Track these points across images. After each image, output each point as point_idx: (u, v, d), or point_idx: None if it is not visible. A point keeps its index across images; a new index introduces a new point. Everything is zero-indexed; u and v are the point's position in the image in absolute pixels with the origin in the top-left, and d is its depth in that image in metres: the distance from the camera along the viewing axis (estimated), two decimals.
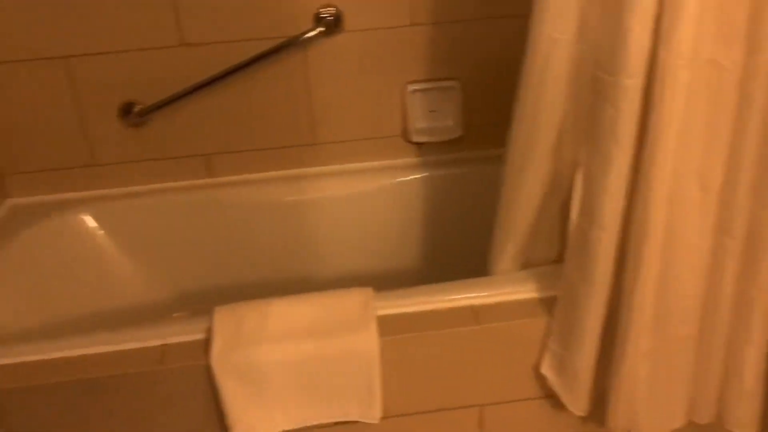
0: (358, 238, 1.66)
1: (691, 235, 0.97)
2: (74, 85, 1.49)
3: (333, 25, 1.50)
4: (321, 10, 1.49)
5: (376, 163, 1.67)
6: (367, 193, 1.64)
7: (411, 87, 1.58)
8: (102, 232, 1.54)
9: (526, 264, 1.22)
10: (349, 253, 1.66)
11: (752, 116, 0.90)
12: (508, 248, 1.18)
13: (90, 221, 1.53)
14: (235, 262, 1.63)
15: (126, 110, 1.53)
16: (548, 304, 1.13)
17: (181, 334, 1.11)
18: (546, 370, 1.13)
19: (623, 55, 0.87)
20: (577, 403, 1.12)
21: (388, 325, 1.10)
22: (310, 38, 1.49)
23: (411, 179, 1.65)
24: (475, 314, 1.12)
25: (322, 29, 1.48)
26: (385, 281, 1.67)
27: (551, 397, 1.17)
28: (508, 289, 1.16)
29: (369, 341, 1.07)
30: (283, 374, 1.06)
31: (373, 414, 1.11)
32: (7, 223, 1.48)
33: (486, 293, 1.15)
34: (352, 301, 1.12)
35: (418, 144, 1.66)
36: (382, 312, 1.12)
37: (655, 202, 0.92)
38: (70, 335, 1.12)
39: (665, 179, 0.92)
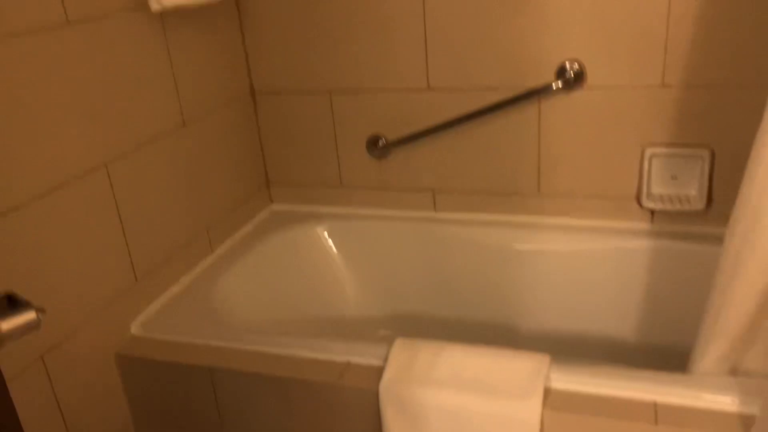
0: (569, 297, 1.60)
1: None
2: (334, 116, 1.71)
3: (574, 81, 1.48)
4: (564, 63, 1.48)
5: (603, 223, 1.60)
6: (588, 252, 1.58)
7: (651, 150, 1.48)
8: (333, 246, 1.73)
9: (735, 369, 1.07)
10: (556, 309, 1.61)
11: None
12: (710, 350, 1.05)
13: (325, 235, 1.74)
14: (444, 294, 1.70)
15: (372, 142, 1.70)
16: (745, 423, 0.97)
17: (364, 355, 1.20)
18: None
19: None
20: None
21: (556, 400, 1.06)
22: (548, 90, 1.49)
23: (639, 246, 1.54)
24: (655, 412, 1.02)
25: (561, 85, 1.48)
26: (583, 345, 1.60)
27: None
28: (699, 394, 1.02)
29: (531, 412, 1.04)
30: (439, 418, 1.09)
31: None
32: (266, 224, 1.76)
33: (674, 392, 1.04)
34: (525, 366, 1.11)
35: (652, 211, 1.54)
36: (554, 384, 1.08)
37: None
38: (278, 334, 1.30)
39: None
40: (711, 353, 1.06)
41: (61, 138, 1.16)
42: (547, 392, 1.07)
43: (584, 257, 1.59)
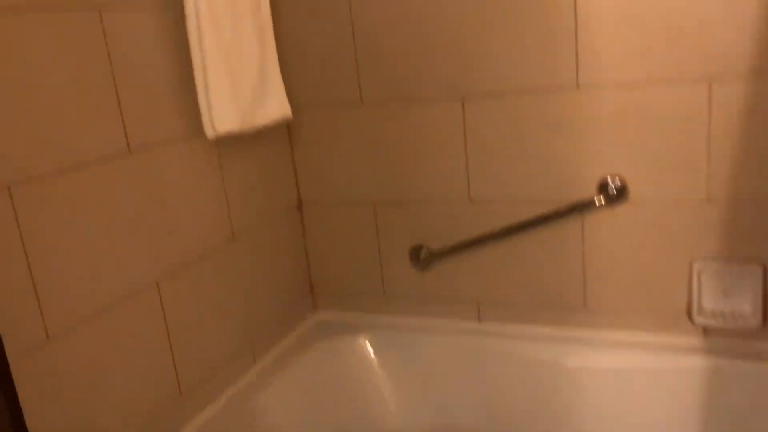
0: (615, 417, 1.54)
1: None
2: (378, 226, 1.74)
3: (617, 196, 1.48)
4: (606, 178, 1.49)
5: (653, 339, 1.55)
6: (638, 371, 1.53)
7: (699, 264, 1.45)
8: (375, 357, 1.72)
9: None
10: (606, 429, 1.54)
11: None
12: None
13: (368, 345, 1.73)
14: (489, 410, 1.65)
15: (414, 252, 1.72)
16: None
17: None
18: None
19: None
20: None
21: None
22: (592, 205, 1.50)
23: (691, 365, 1.48)
24: None
25: (604, 200, 1.48)
26: None
27: None
28: None
29: None
30: None
31: None
32: (309, 334, 1.77)
33: None
34: None
35: (704, 327, 1.49)
36: None
37: None
38: None
39: None
40: None
41: (116, 258, 1.22)
42: None
43: (634, 375, 1.53)
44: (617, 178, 1.48)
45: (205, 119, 1.37)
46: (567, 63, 1.45)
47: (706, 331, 1.50)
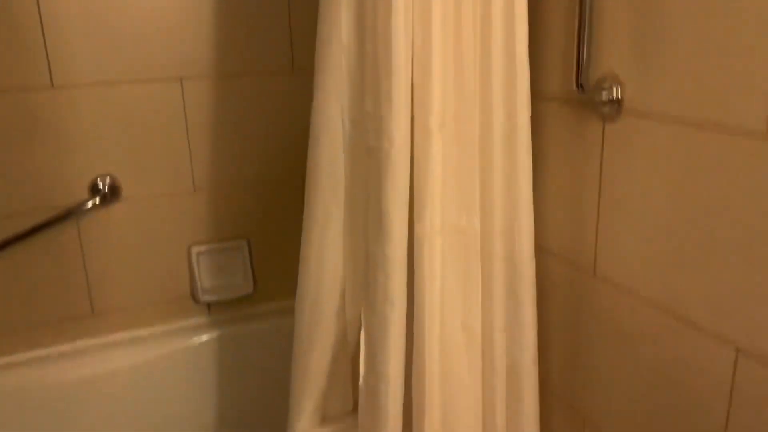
0: (148, 410, 1.56)
1: (464, 376, 1.09)
2: None
3: (109, 195, 1.48)
4: (96, 179, 1.47)
5: (165, 328, 1.62)
6: (155, 360, 1.58)
7: (196, 248, 1.60)
8: None
9: (324, 419, 1.26)
10: (139, 427, 1.55)
11: (494, 270, 1.07)
12: (306, 406, 1.21)
13: None
14: None
15: None
16: None
17: None
18: None
19: (388, 230, 0.99)
20: None
21: None
22: (85, 208, 1.46)
23: (204, 340, 1.62)
24: None
25: (98, 202, 1.46)
26: None
27: None
28: None
29: None
30: None
31: None
32: None
33: None
34: None
35: (208, 304, 1.65)
36: None
37: (430, 355, 1.03)
38: None
39: (435, 334, 1.03)
40: (306, 411, 1.22)
41: None
42: None
43: (152, 366, 1.58)
44: (108, 177, 1.48)
45: None
46: (38, 62, 1.36)
47: (210, 307, 1.66)
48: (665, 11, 0.87)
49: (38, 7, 1.34)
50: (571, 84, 1.02)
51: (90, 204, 1.46)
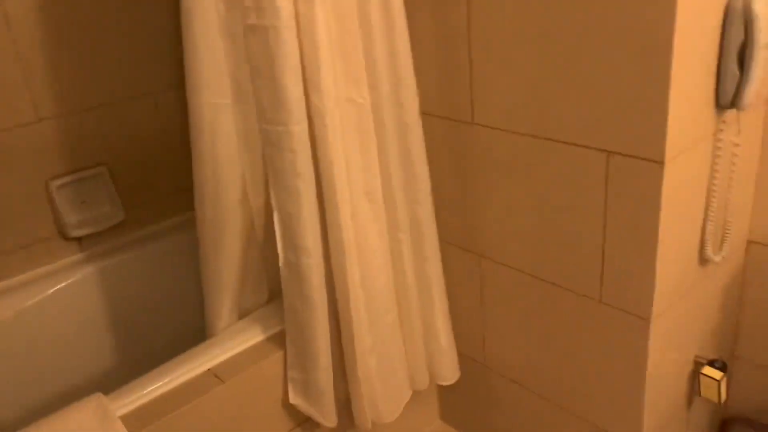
0: (36, 360, 1.47)
1: (373, 240, 1.18)
2: None
3: None
4: None
5: (37, 272, 1.51)
6: (32, 308, 1.47)
7: (55, 183, 1.49)
8: None
9: (243, 314, 1.29)
10: (31, 383, 1.46)
11: (388, 137, 1.14)
12: (224, 303, 1.23)
13: None
14: None
15: None
16: (279, 340, 1.21)
17: None
18: (294, 399, 1.22)
19: (287, 107, 1.01)
20: (328, 416, 1.23)
21: (135, 421, 1.04)
22: None
23: (79, 277, 1.54)
24: (216, 376, 1.14)
25: None
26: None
27: (307, 422, 1.25)
28: (238, 341, 1.20)
29: None
30: None
31: None
32: None
33: (219, 352, 1.18)
34: (86, 414, 1.03)
35: (79, 239, 1.56)
36: (123, 411, 1.06)
37: (345, 221, 1.10)
38: None
39: (346, 201, 1.09)
40: (224, 308, 1.24)
41: None
42: (126, 421, 1.04)
43: (32, 312, 1.48)
44: None
45: None
46: None
47: (81, 243, 1.57)
48: None
49: None
50: None
51: None
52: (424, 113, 1.18)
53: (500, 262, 1.24)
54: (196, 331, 1.34)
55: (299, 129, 1.03)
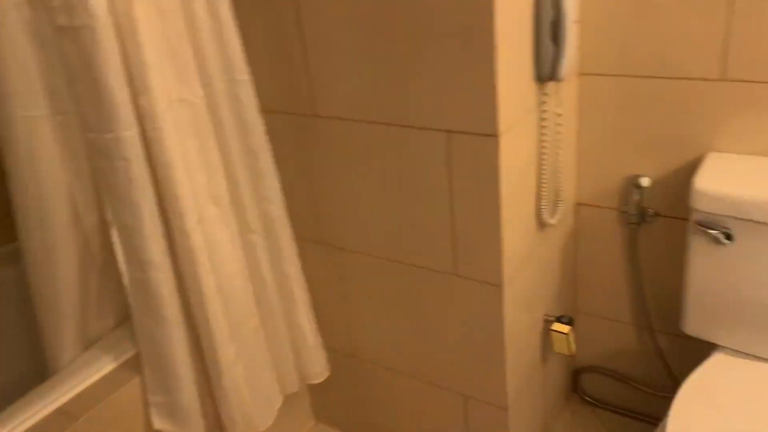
0: None
1: (225, 244, 1.13)
2: None
3: None
4: None
5: None
6: None
7: None
8: None
9: (89, 344, 1.18)
10: None
11: (228, 136, 1.10)
12: (65, 334, 1.12)
13: None
14: None
15: None
16: (134, 365, 1.13)
17: None
18: (159, 424, 1.14)
19: (113, 113, 0.93)
20: None
21: None
22: None
23: None
24: (67, 414, 1.03)
25: None
26: None
27: None
28: (87, 372, 1.10)
29: None
30: None
31: None
32: None
33: (67, 388, 1.07)
34: None
35: None
36: None
37: (192, 227, 1.04)
38: None
39: (191, 206, 1.04)
40: (66, 340, 1.13)
41: None
42: None
43: None
44: None
45: None
46: None
47: None
48: None
49: None
50: None
51: None
52: (266, 110, 1.15)
53: (357, 251, 1.25)
54: (36, 372, 1.21)
55: (129, 135, 0.96)
